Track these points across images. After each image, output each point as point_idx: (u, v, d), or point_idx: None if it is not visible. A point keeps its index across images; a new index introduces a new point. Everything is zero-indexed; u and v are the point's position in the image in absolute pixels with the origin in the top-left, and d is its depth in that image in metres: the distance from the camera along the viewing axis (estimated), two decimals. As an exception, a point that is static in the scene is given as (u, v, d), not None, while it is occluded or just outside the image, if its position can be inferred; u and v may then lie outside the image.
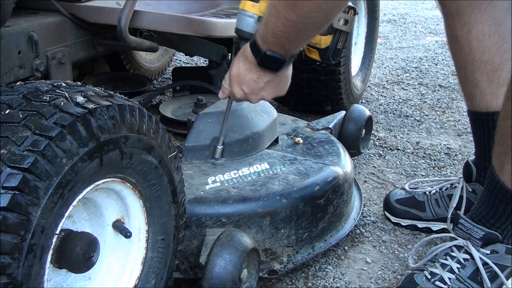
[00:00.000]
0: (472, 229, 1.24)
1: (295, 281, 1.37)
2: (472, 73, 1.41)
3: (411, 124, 2.40)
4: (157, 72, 2.67)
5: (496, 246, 1.23)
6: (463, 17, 1.37)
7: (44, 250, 0.79)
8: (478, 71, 1.40)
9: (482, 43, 1.37)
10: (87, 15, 1.47)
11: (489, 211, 1.24)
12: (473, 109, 1.46)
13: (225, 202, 1.27)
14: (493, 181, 1.22)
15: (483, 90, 1.41)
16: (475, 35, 1.37)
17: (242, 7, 1.24)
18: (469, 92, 1.45)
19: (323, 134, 1.68)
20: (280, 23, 1.07)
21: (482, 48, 1.37)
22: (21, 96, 0.84)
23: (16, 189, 0.74)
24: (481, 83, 1.41)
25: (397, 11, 4.99)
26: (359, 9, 2.48)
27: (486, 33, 1.36)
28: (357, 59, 2.54)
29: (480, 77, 1.40)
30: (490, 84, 1.40)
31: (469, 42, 1.38)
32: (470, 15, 1.36)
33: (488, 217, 1.24)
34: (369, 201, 1.75)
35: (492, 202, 1.24)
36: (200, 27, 1.45)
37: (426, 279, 1.24)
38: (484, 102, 1.42)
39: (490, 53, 1.37)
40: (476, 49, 1.38)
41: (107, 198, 0.98)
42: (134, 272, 1.03)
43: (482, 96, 1.42)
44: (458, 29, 1.39)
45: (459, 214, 1.28)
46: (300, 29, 1.08)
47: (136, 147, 0.94)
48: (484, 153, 1.47)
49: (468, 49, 1.39)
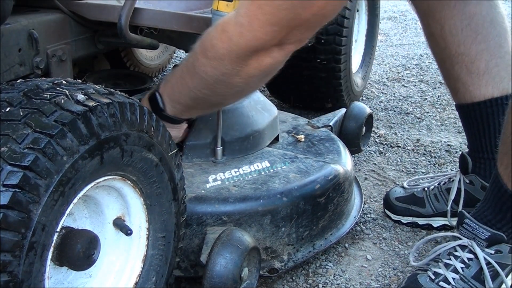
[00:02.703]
0: (478, 230, 1.24)
1: (295, 278, 1.37)
2: (452, 67, 1.45)
3: (411, 121, 2.40)
4: (157, 70, 2.67)
5: (500, 246, 1.23)
6: (435, 15, 1.41)
7: (44, 248, 0.79)
8: (457, 64, 1.43)
9: (456, 37, 1.41)
10: (87, 12, 1.47)
11: (495, 216, 1.24)
12: (459, 102, 1.49)
13: (226, 201, 1.27)
14: (500, 189, 1.21)
15: (465, 82, 1.44)
16: (448, 30, 1.41)
17: (215, 8, 1.22)
18: (453, 86, 1.49)
19: (324, 132, 1.68)
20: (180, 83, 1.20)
21: (457, 42, 1.41)
22: (22, 94, 0.84)
23: (16, 187, 0.74)
24: (462, 75, 1.44)
25: (398, 8, 4.98)
26: (360, 7, 2.48)
27: (458, 27, 1.40)
28: (357, 56, 2.54)
29: (459, 69, 1.44)
30: (470, 75, 1.43)
31: (444, 38, 1.42)
32: (441, 13, 1.40)
33: (495, 222, 1.24)
34: (370, 198, 1.75)
35: (498, 209, 1.23)
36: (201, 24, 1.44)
37: (430, 280, 1.24)
38: (468, 93, 1.45)
39: (465, 45, 1.41)
40: (451, 43, 1.42)
41: (107, 195, 0.98)
42: (134, 270, 1.03)
43: (465, 88, 1.45)
44: (433, 27, 1.43)
45: (464, 213, 1.28)
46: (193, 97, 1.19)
47: (136, 145, 0.93)
48: (476, 144, 1.49)
49: (444, 44, 1.43)
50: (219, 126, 1.40)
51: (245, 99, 1.53)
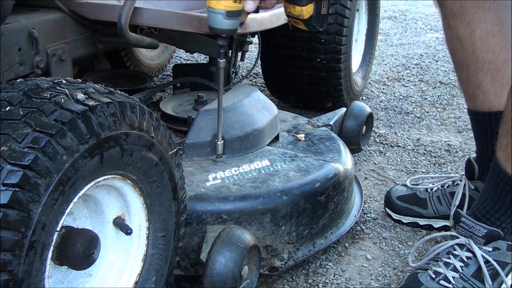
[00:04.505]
0: (474, 227, 1.24)
1: (295, 277, 1.37)
2: (475, 74, 1.39)
3: (411, 121, 2.40)
4: (157, 69, 2.67)
5: (497, 243, 1.23)
6: (467, 16, 1.34)
7: (44, 247, 0.79)
8: (482, 71, 1.38)
9: (486, 42, 1.34)
10: (87, 12, 1.47)
11: (494, 205, 1.23)
12: (475, 109, 1.45)
13: (226, 199, 1.27)
14: (500, 174, 1.21)
15: (486, 90, 1.39)
16: (478, 35, 1.34)
17: (208, 5, 1.23)
18: (471, 93, 1.43)
19: (324, 131, 1.68)
20: None
21: (486, 48, 1.35)
22: (22, 93, 0.84)
23: (16, 186, 0.74)
24: (484, 83, 1.39)
25: (398, 7, 4.99)
26: (360, 6, 2.48)
27: (489, 32, 1.34)
28: (357, 56, 2.54)
29: (483, 77, 1.38)
30: (494, 84, 1.38)
31: (473, 43, 1.36)
32: (474, 15, 1.33)
33: (493, 212, 1.24)
34: (370, 198, 1.75)
35: (497, 196, 1.22)
36: (201, 23, 1.44)
37: (430, 278, 1.24)
38: (487, 102, 1.40)
39: (493, 52, 1.35)
40: (479, 49, 1.36)
41: (107, 195, 0.98)
42: (134, 269, 1.03)
43: (485, 96, 1.40)
44: (461, 29, 1.36)
45: (460, 212, 1.28)
46: None
47: (136, 144, 0.93)
48: (486, 152, 1.46)
49: (471, 49, 1.37)
50: (220, 122, 1.39)
51: (245, 98, 1.53)
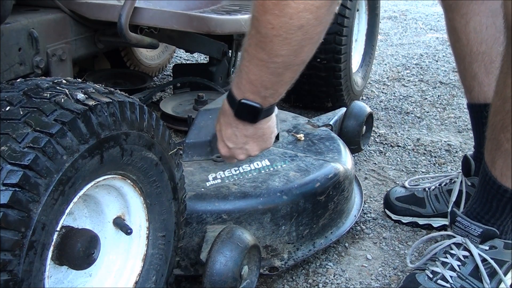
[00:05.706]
0: (470, 227, 1.24)
1: (295, 277, 1.37)
2: (470, 65, 1.42)
3: (411, 120, 2.40)
4: (157, 69, 2.67)
5: (494, 241, 1.23)
6: (462, 8, 1.38)
7: (44, 247, 0.79)
8: (476, 62, 1.41)
9: (480, 34, 1.38)
10: (87, 12, 1.47)
11: (483, 207, 1.24)
12: (472, 101, 1.48)
13: (226, 199, 1.28)
14: (486, 177, 1.22)
15: (481, 81, 1.42)
16: (472, 27, 1.38)
17: None
18: (468, 84, 1.47)
19: (324, 131, 1.68)
20: (252, 65, 1.05)
21: (480, 39, 1.39)
22: (22, 93, 0.84)
23: (16, 186, 0.74)
24: (479, 74, 1.42)
25: (398, 7, 4.99)
26: (360, 6, 2.48)
27: (483, 24, 1.37)
28: (357, 56, 2.54)
29: (478, 68, 1.41)
30: (488, 76, 1.41)
31: (467, 34, 1.40)
32: (468, 7, 1.37)
33: (483, 213, 1.24)
34: (370, 197, 1.75)
35: (486, 198, 1.24)
36: (201, 23, 1.45)
37: (428, 278, 1.24)
38: (482, 93, 1.43)
39: (487, 44, 1.39)
40: (473, 41, 1.39)
41: (107, 195, 0.98)
42: (135, 269, 1.03)
43: (480, 88, 1.43)
44: (457, 21, 1.41)
45: (456, 212, 1.28)
46: (273, 71, 1.05)
47: (136, 144, 0.94)
48: (483, 146, 1.47)
49: (466, 40, 1.41)
50: None
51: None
